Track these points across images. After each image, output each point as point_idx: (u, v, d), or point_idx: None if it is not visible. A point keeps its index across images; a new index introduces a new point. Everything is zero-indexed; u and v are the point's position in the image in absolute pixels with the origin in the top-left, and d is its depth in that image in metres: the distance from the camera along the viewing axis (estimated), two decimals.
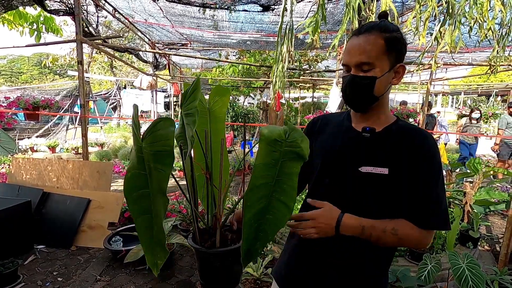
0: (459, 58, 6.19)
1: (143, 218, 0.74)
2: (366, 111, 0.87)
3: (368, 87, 0.81)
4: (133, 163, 0.74)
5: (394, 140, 0.84)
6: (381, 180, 0.81)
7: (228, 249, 0.83)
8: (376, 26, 0.82)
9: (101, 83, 20.44)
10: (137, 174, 0.73)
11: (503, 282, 2.10)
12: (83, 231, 2.97)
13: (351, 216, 0.80)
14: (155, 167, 0.72)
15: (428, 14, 2.11)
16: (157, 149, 0.72)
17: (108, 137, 9.47)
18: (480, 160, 3.35)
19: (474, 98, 18.27)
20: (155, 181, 0.72)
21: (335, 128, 0.94)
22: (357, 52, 0.81)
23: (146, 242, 0.75)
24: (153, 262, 0.75)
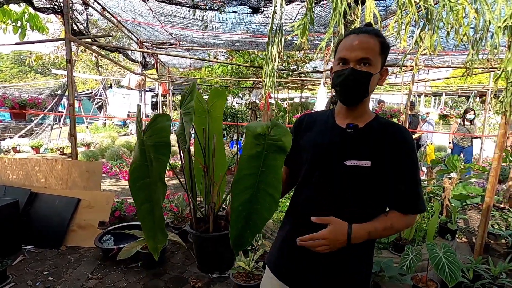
0: (439, 60, 6.46)
1: (146, 206, 0.81)
2: (356, 105, 0.94)
3: (365, 80, 0.89)
4: (137, 156, 0.81)
5: (376, 135, 0.92)
6: (364, 172, 0.89)
7: (219, 234, 0.91)
8: (371, 30, 0.91)
9: (85, 82, 19.95)
10: (140, 165, 0.81)
11: (478, 270, 2.26)
12: (73, 230, 2.95)
13: (358, 228, 0.86)
14: (155, 157, 0.80)
15: (408, 19, 2.24)
16: (156, 140, 0.81)
17: (95, 137, 9.29)
18: (458, 157, 3.54)
19: (455, 99, 18.96)
20: (155, 170, 0.80)
21: (321, 126, 1.01)
22: (359, 48, 0.88)
23: (148, 229, 0.83)
24: (154, 246, 0.83)
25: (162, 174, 0.82)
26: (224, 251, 0.94)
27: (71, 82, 3.13)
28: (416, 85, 10.26)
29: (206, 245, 0.93)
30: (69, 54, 3.00)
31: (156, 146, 0.81)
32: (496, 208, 3.77)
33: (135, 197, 0.82)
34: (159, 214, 0.82)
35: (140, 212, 0.83)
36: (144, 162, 0.81)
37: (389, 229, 0.90)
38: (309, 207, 0.97)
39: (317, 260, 0.93)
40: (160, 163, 0.81)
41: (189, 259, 2.69)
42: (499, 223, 3.35)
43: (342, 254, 0.91)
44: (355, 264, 0.94)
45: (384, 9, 3.45)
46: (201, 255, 0.96)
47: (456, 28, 2.19)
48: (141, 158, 0.81)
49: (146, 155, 0.81)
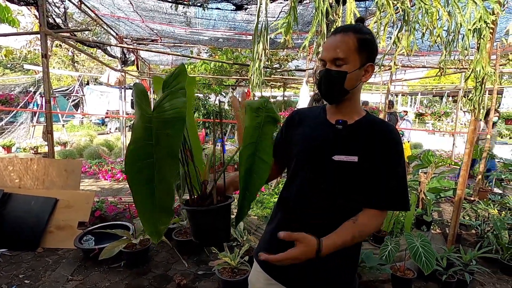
0: (415, 60, 6.73)
1: (147, 187, 0.79)
2: (338, 102, 0.97)
3: (339, 80, 0.91)
4: (138, 136, 0.79)
5: (364, 132, 0.95)
6: (351, 167, 0.91)
7: (219, 205, 0.94)
8: (351, 27, 0.92)
9: (60, 79, 19.08)
10: (143, 145, 0.79)
11: (450, 258, 2.40)
12: (50, 232, 2.84)
13: (327, 245, 0.84)
14: (166, 133, 0.79)
15: (387, 20, 2.33)
16: (172, 116, 0.80)
17: (71, 136, 8.94)
18: (433, 153, 3.72)
19: (429, 99, 19.84)
20: (165, 147, 0.79)
21: (312, 121, 1.04)
22: (333, 48, 0.90)
23: (146, 212, 0.80)
24: (152, 230, 0.81)
25: (175, 149, 0.80)
26: (221, 224, 0.96)
27: (47, 78, 3.00)
28: (393, 85, 10.63)
29: (206, 218, 0.94)
30: (44, 48, 2.88)
31: (171, 122, 0.80)
32: (467, 200, 4.01)
33: (133, 179, 0.78)
34: (169, 192, 0.81)
35: (138, 195, 0.79)
36: (149, 141, 0.79)
37: (358, 237, 0.89)
38: (299, 202, 0.99)
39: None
40: (172, 138, 0.80)
41: (174, 257, 2.67)
42: (469, 215, 3.56)
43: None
44: (343, 259, 0.96)
45: (364, 9, 3.56)
46: (199, 229, 0.97)
47: (430, 29, 2.31)
48: (146, 137, 0.79)
49: (153, 133, 0.79)
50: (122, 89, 6.32)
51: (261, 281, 1.06)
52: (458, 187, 2.67)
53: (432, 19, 2.26)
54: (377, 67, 4.17)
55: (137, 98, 0.81)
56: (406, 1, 2.27)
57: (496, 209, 3.39)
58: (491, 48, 2.51)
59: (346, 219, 0.90)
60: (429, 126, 13.99)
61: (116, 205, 3.57)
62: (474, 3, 2.32)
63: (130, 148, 0.78)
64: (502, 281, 2.49)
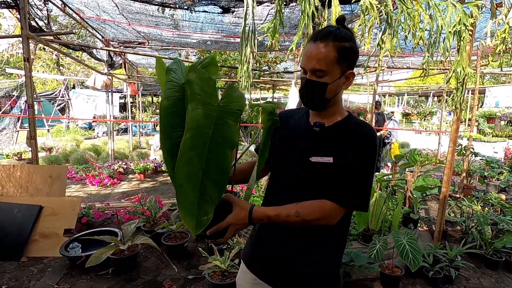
0: (400, 62, 6.89)
1: (193, 178, 0.77)
2: (319, 110, 0.99)
3: (320, 91, 0.93)
4: (196, 125, 0.77)
5: (339, 132, 0.96)
6: (327, 168, 0.93)
7: None
8: (331, 34, 0.89)
9: (44, 83, 18.63)
10: (200, 133, 0.77)
11: (437, 255, 2.45)
12: (35, 240, 2.76)
13: (258, 210, 0.90)
14: (226, 122, 0.82)
15: (371, 22, 2.38)
16: (237, 107, 0.84)
17: (57, 141, 8.73)
18: (419, 152, 3.80)
19: (416, 99, 20.30)
20: (225, 135, 0.81)
21: (296, 123, 1.06)
22: (313, 59, 0.90)
23: (188, 203, 0.78)
24: (193, 223, 0.78)
25: (235, 139, 0.82)
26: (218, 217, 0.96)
27: (29, 82, 2.93)
28: (380, 86, 10.84)
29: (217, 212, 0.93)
30: (26, 51, 2.81)
31: (234, 112, 0.83)
32: (452, 198, 4.11)
33: (182, 171, 0.76)
34: (220, 180, 0.81)
35: (182, 187, 0.76)
36: (207, 130, 0.79)
37: (294, 217, 0.88)
38: (280, 202, 0.99)
39: (288, 255, 0.97)
40: (233, 127, 0.83)
41: (163, 262, 2.64)
42: (455, 211, 3.66)
43: (311, 250, 0.96)
44: (326, 256, 0.97)
45: (349, 12, 3.62)
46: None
47: (413, 32, 2.37)
48: (205, 125, 0.78)
49: (215, 122, 0.80)
50: (109, 93, 6.22)
51: (247, 281, 1.07)
52: (443, 185, 2.74)
53: (414, 22, 2.33)
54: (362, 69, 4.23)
55: (200, 88, 0.78)
56: (389, 4, 2.32)
57: (480, 206, 3.49)
58: (471, 49, 2.60)
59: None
60: (415, 126, 14.30)
61: (104, 211, 3.51)
62: (453, 6, 2.40)
63: (185, 137, 0.75)
64: (486, 276, 2.57)
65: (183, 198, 0.77)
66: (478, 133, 11.16)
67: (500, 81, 15.22)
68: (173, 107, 0.80)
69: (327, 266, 0.98)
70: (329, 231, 0.96)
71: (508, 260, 2.64)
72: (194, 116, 0.76)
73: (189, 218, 0.78)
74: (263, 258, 1.03)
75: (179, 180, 0.76)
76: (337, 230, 0.98)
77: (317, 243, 0.96)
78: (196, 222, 0.78)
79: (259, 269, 1.04)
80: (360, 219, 2.62)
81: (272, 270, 1.00)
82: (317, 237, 0.96)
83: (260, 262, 1.04)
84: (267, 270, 1.01)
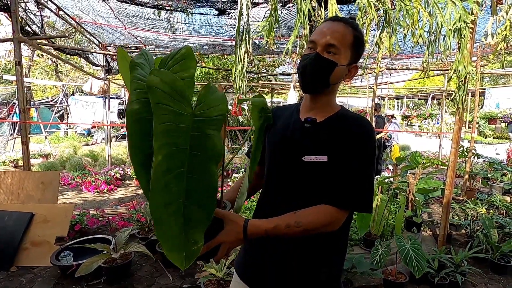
0: (399, 63, 6.85)
1: (174, 206, 0.64)
2: (316, 94, 0.90)
3: (327, 70, 0.85)
4: (166, 142, 0.62)
5: (334, 128, 0.87)
6: (322, 167, 0.85)
7: None
8: (350, 22, 0.87)
9: (44, 90, 18.65)
10: (174, 152, 0.63)
11: (442, 260, 2.36)
12: (25, 249, 2.67)
13: (253, 225, 0.79)
14: (207, 134, 0.66)
15: (369, 21, 2.33)
16: (217, 113, 0.68)
17: (55, 148, 8.66)
18: (420, 154, 3.73)
19: (415, 102, 20.28)
20: (206, 149, 0.66)
21: (286, 120, 0.98)
22: (330, 33, 0.84)
23: (172, 237, 0.64)
24: (181, 257, 0.65)
25: (219, 151, 0.67)
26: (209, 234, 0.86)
27: (21, 87, 2.87)
28: (380, 88, 10.81)
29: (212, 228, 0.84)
30: (18, 55, 2.75)
31: (214, 120, 0.67)
32: (455, 200, 4.02)
33: (157, 198, 0.62)
34: (205, 202, 0.67)
35: (161, 217, 0.63)
36: (183, 147, 0.64)
37: (294, 228, 0.79)
38: (270, 205, 0.94)
39: (284, 264, 0.90)
40: (216, 138, 0.67)
41: (158, 270, 2.54)
42: (459, 214, 3.56)
43: (309, 259, 0.88)
44: (323, 267, 0.90)
45: (347, 13, 3.58)
46: None
47: (412, 30, 2.31)
48: (179, 142, 0.64)
49: (189, 136, 0.65)
50: (106, 98, 6.17)
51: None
52: (446, 187, 2.65)
53: (413, 20, 2.27)
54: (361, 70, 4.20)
55: (161, 91, 0.61)
56: (387, 2, 2.27)
57: (484, 208, 3.40)
58: (472, 47, 2.54)
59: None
60: (416, 128, 14.24)
61: (98, 218, 3.42)
62: (453, 3, 2.34)
63: (157, 159, 0.61)
64: (493, 281, 2.47)
65: (164, 232, 0.64)
66: (479, 135, 11.09)
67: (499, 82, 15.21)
68: (142, 112, 0.66)
69: (326, 275, 0.90)
70: (329, 237, 0.87)
71: None
72: (162, 132, 0.61)
73: (176, 253, 0.65)
74: (256, 268, 0.95)
75: (157, 212, 0.63)
76: (337, 236, 0.90)
77: (315, 250, 0.88)
78: (184, 255, 0.65)
79: (253, 280, 0.96)
80: (361, 223, 2.53)
81: (266, 280, 0.92)
82: (315, 243, 0.88)
83: (254, 272, 0.96)
84: (261, 281, 0.94)
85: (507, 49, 2.57)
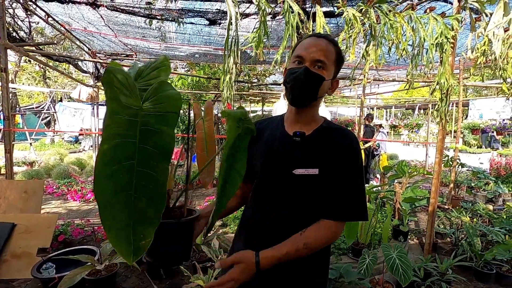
0: (386, 75, 7.03)
1: (123, 196, 0.65)
2: (303, 107, 0.93)
3: (316, 83, 0.88)
4: (117, 132, 0.65)
5: (322, 141, 0.91)
6: (313, 180, 0.87)
7: (190, 218, 0.85)
8: (331, 38, 0.92)
9: (31, 96, 18.27)
10: (122, 143, 0.65)
11: (428, 268, 2.39)
12: (5, 261, 2.56)
13: (265, 257, 0.81)
14: (158, 129, 0.68)
15: (355, 34, 2.40)
16: (167, 110, 0.70)
17: (40, 155, 8.44)
18: (407, 163, 3.81)
19: (403, 111, 20.77)
20: (157, 145, 0.68)
21: (271, 133, 0.99)
22: (317, 49, 0.88)
23: (120, 226, 0.65)
24: (128, 249, 0.65)
25: (170, 149, 0.69)
26: (176, 238, 0.85)
27: (6, 93, 2.81)
28: (368, 98, 11.03)
29: (175, 232, 0.83)
30: (4, 62, 2.71)
31: (165, 116, 0.69)
32: (441, 209, 4.10)
33: (102, 187, 0.64)
34: (156, 196, 0.67)
35: (107, 207, 0.64)
36: (131, 139, 0.66)
37: (303, 250, 0.83)
38: (260, 218, 0.94)
39: (272, 274, 0.89)
40: (167, 136, 0.69)
41: (144, 282, 2.49)
42: (444, 223, 3.63)
43: (296, 269, 0.89)
44: (310, 276, 0.91)
45: (335, 26, 3.67)
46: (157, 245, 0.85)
47: (396, 43, 2.40)
48: (128, 134, 0.66)
49: (138, 129, 0.67)
50: (95, 105, 6.09)
51: None
52: (431, 196, 2.71)
53: (397, 34, 2.36)
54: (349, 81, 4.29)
55: (114, 86, 0.66)
56: (372, 16, 2.35)
57: (468, 217, 3.48)
58: (453, 61, 2.64)
59: None
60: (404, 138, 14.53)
61: (83, 228, 3.33)
62: (435, 19, 2.45)
63: (103, 147, 0.64)
64: None
65: (111, 220, 0.64)
66: (464, 144, 11.40)
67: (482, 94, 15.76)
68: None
69: (313, 285, 0.92)
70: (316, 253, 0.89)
71: (499, 272, 2.59)
72: (110, 123, 0.65)
73: (124, 244, 0.64)
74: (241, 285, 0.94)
75: (104, 200, 0.63)
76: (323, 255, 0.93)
77: (303, 264, 0.90)
78: (132, 248, 0.65)
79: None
80: (349, 232, 2.55)
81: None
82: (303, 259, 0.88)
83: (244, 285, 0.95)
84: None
85: (486, 63, 2.69)
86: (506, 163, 5.53)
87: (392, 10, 2.35)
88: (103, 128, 0.66)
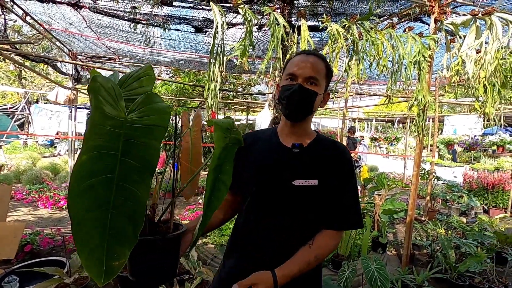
0: (367, 89, 7.27)
1: (99, 212, 0.60)
2: (299, 121, 0.96)
3: (310, 99, 0.92)
4: (98, 143, 0.61)
5: (320, 153, 0.95)
6: (313, 191, 0.90)
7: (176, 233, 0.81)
8: (319, 54, 0.97)
9: (4, 96, 17.40)
10: (102, 155, 0.61)
11: (405, 280, 2.42)
12: None
13: (282, 275, 0.83)
14: (142, 142, 0.64)
15: (338, 49, 2.47)
16: (153, 122, 0.66)
17: (10, 159, 7.99)
18: (386, 175, 3.90)
19: (383, 125, 21.48)
20: (140, 159, 0.64)
21: (265, 145, 1.00)
22: (308, 67, 0.91)
23: (92, 246, 0.59)
24: (99, 270, 0.59)
25: (154, 164, 0.65)
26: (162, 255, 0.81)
27: None
28: (350, 111, 11.33)
29: (142, 248, 0.77)
30: None
31: (151, 129, 0.65)
32: (418, 221, 4.21)
33: (77, 202, 0.59)
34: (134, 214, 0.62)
35: (81, 224, 0.59)
36: (113, 152, 0.62)
37: (314, 262, 0.88)
38: (253, 224, 0.94)
39: None
40: (153, 149, 0.65)
41: None
42: (421, 235, 3.72)
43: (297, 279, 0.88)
44: (307, 285, 0.94)
45: (319, 40, 3.77)
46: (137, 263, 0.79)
47: (377, 59, 2.48)
48: (110, 146, 0.62)
49: (121, 141, 0.63)
50: (73, 108, 5.87)
51: None
52: (409, 208, 2.77)
53: (378, 50, 2.44)
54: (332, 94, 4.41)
55: (99, 95, 0.63)
56: (354, 33, 2.43)
57: (443, 229, 3.58)
58: (430, 79, 2.76)
59: (304, 243, 0.89)
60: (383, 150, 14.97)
61: (53, 238, 3.14)
62: (413, 39, 2.56)
63: (81, 159, 0.60)
64: None
65: (83, 239, 0.59)
66: (439, 158, 11.89)
67: (456, 110, 16.60)
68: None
69: None
70: None
71: (472, 284, 2.67)
72: (91, 134, 0.61)
73: (95, 265, 0.59)
74: None
75: (77, 216, 0.58)
76: None
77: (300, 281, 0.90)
78: (104, 268, 0.60)
79: None
80: None
81: None
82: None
83: None
84: None
85: (460, 81, 2.83)
86: (477, 177, 5.78)
87: (373, 27, 2.44)
88: (83, 139, 0.62)
